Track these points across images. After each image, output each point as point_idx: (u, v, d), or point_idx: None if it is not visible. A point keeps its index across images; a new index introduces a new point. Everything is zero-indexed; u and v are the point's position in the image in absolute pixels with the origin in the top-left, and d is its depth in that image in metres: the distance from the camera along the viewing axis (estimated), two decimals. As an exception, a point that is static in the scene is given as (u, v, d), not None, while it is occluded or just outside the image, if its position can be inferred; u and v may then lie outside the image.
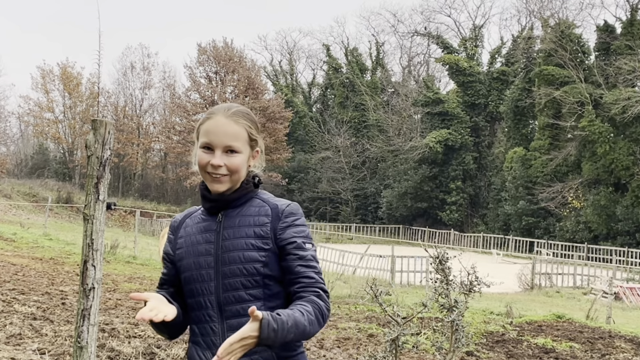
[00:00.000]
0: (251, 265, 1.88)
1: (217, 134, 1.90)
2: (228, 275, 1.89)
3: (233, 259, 1.89)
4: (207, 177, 1.93)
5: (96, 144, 2.76)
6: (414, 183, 41.81)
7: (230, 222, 1.95)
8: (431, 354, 6.60)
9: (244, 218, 1.94)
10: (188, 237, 1.98)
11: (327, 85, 53.52)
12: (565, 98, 34.86)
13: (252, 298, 1.88)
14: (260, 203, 1.98)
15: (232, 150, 1.91)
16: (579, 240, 33.09)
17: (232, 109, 1.96)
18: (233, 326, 1.86)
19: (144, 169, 51.01)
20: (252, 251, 1.89)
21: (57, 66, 48.82)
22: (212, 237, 1.94)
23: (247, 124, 1.96)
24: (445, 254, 4.88)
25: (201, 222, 1.99)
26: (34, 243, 16.08)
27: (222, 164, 1.89)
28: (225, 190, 1.94)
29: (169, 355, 5.56)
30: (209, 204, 1.97)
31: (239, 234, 1.92)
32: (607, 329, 9.91)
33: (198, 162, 1.93)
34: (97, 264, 2.78)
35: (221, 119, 1.92)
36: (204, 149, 1.92)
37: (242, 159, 1.93)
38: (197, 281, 1.92)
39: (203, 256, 1.92)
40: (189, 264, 1.94)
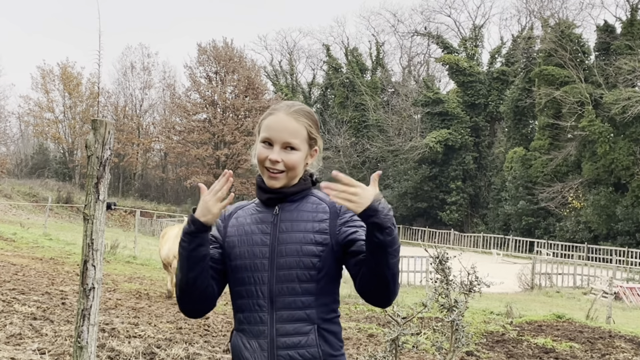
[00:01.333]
0: (308, 259, 1.92)
1: (277, 129, 1.95)
2: (284, 267, 1.92)
3: (290, 252, 1.93)
4: (265, 172, 1.97)
5: (96, 144, 2.76)
6: (414, 183, 41.81)
7: (288, 215, 1.98)
8: (431, 354, 6.60)
9: (301, 213, 1.98)
10: (241, 227, 2.00)
11: (327, 85, 53.50)
12: (565, 98, 34.86)
13: (304, 292, 1.92)
14: (316, 200, 2.03)
15: (290, 147, 1.95)
16: (579, 240, 33.09)
17: (295, 106, 2.00)
18: (283, 317, 1.91)
19: (144, 169, 51.00)
20: (310, 245, 1.93)
21: (57, 66, 48.87)
22: (268, 229, 1.96)
23: (308, 122, 2.00)
24: (445, 254, 4.88)
25: (256, 214, 2.02)
26: (34, 243, 16.08)
27: (280, 159, 1.93)
28: (278, 187, 1.97)
29: (169, 355, 5.56)
30: (267, 195, 2.00)
31: (297, 228, 1.95)
32: (607, 329, 9.91)
33: (257, 156, 1.97)
34: (97, 264, 2.79)
35: (282, 116, 1.97)
36: (264, 143, 1.96)
37: (300, 157, 1.97)
38: (250, 270, 1.93)
39: (258, 246, 1.95)
40: (242, 252, 1.96)
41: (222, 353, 5.93)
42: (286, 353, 1.89)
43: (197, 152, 42.10)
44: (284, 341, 1.89)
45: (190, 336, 6.58)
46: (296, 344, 1.89)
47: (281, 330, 1.90)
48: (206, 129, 42.67)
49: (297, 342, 1.90)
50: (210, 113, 43.20)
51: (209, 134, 42.51)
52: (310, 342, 1.90)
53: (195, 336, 6.65)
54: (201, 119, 44.17)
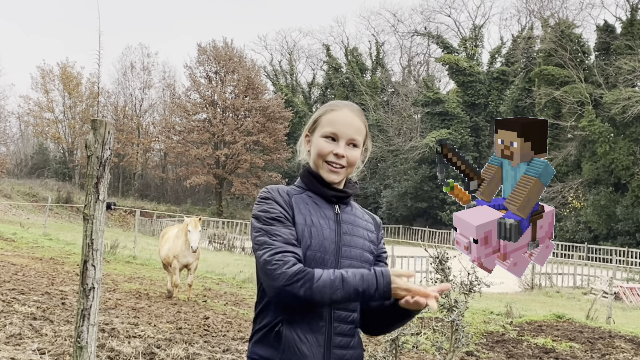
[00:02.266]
0: (366, 264, 1.98)
1: (345, 125, 1.98)
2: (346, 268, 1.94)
3: (354, 255, 1.97)
4: (324, 167, 1.98)
5: (96, 144, 2.76)
6: (414, 183, 41.83)
7: (347, 217, 2.02)
8: (431, 354, 6.60)
9: (357, 219, 2.04)
10: (308, 217, 1.95)
11: (327, 85, 53.51)
12: (565, 98, 34.86)
13: None
14: (360, 209, 2.11)
15: (354, 143, 1.99)
16: (579, 240, 33.08)
17: (354, 105, 2.06)
18: (341, 318, 1.93)
19: (144, 169, 50.99)
20: (368, 253, 2.01)
21: (57, 66, 48.87)
22: (333, 226, 1.98)
23: (366, 121, 2.06)
24: (445, 254, 4.88)
25: (317, 207, 1.99)
26: (34, 243, 16.07)
27: (345, 154, 1.96)
28: (337, 182, 2.00)
29: (168, 355, 5.56)
30: (333, 192, 2.00)
31: (358, 233, 2.01)
32: (607, 329, 9.90)
33: (319, 150, 1.97)
34: (97, 264, 2.78)
35: (348, 112, 2.01)
36: (327, 138, 1.98)
37: (359, 154, 2.02)
38: (318, 263, 1.91)
39: (327, 241, 1.95)
40: (313, 244, 1.92)
41: (222, 353, 5.93)
42: (340, 352, 1.92)
43: (197, 152, 42.09)
44: (339, 340, 1.92)
45: (190, 336, 6.58)
46: (348, 344, 1.94)
47: (338, 330, 1.92)
48: (206, 129, 42.66)
49: (348, 342, 1.95)
50: (210, 113, 43.19)
51: (209, 134, 42.50)
52: (358, 344, 1.98)
53: (195, 336, 6.64)
54: (201, 119, 44.17)
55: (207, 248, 24.06)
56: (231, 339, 6.74)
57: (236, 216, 39.25)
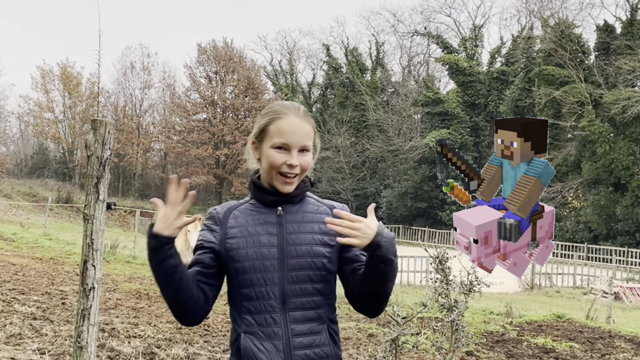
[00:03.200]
0: (319, 259, 1.94)
1: (294, 134, 1.94)
2: (295, 268, 1.93)
3: (301, 253, 1.94)
4: (278, 178, 1.95)
5: (96, 143, 2.76)
6: (414, 183, 41.83)
7: (293, 217, 1.98)
8: (431, 354, 6.60)
9: (306, 214, 2.00)
10: (243, 228, 1.97)
11: (327, 85, 53.50)
12: (565, 98, 34.86)
13: (316, 292, 1.95)
14: (315, 202, 2.06)
15: (305, 149, 1.96)
16: (579, 240, 33.08)
17: (301, 108, 2.01)
18: (297, 318, 1.92)
19: (144, 169, 50.99)
20: (320, 246, 1.96)
21: (57, 66, 48.86)
22: (273, 230, 1.96)
23: (312, 122, 2.02)
24: (445, 254, 4.88)
25: (256, 214, 1.99)
26: (34, 243, 16.08)
27: (298, 163, 1.94)
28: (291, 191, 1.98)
29: (168, 355, 5.56)
30: (271, 197, 1.99)
31: (305, 229, 1.97)
32: (607, 329, 9.90)
33: (271, 163, 1.94)
34: (97, 263, 2.79)
35: (295, 119, 1.96)
36: (278, 149, 1.94)
37: (311, 158, 2.00)
38: (259, 271, 1.92)
39: (266, 247, 1.94)
40: (249, 253, 1.93)
41: (222, 353, 5.93)
42: (303, 353, 1.90)
43: (197, 152, 42.10)
44: (299, 341, 1.91)
45: (190, 336, 6.58)
46: (311, 344, 1.91)
47: (296, 331, 1.91)
48: (206, 129, 42.67)
49: (312, 342, 1.92)
50: (210, 113, 43.20)
51: (209, 134, 42.51)
52: (324, 341, 1.94)
53: (195, 336, 6.64)
54: (201, 119, 44.19)
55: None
56: (231, 339, 6.72)
57: (236, 216, 39.19)
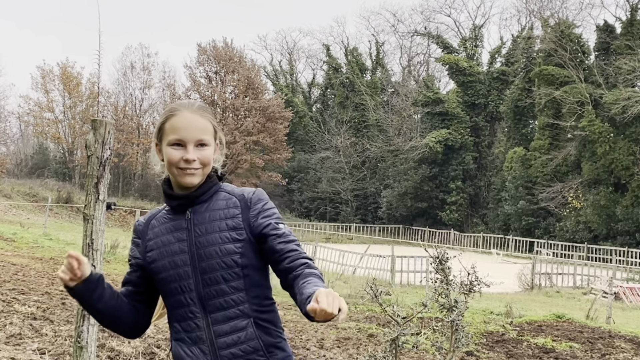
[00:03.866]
0: (229, 257, 1.91)
1: (187, 129, 1.94)
2: (207, 271, 1.92)
3: (210, 254, 1.92)
4: (179, 173, 1.94)
5: (96, 144, 2.76)
6: (414, 183, 41.82)
7: (200, 218, 1.96)
8: (431, 354, 6.60)
9: (213, 212, 1.97)
10: (158, 239, 1.99)
11: (327, 85, 53.51)
12: (565, 98, 34.86)
13: (233, 290, 1.92)
14: (226, 196, 2.01)
15: (202, 143, 1.95)
16: (579, 240, 33.08)
17: (195, 104, 2.01)
18: (218, 320, 1.91)
19: (144, 169, 50.97)
20: (228, 244, 1.92)
21: (57, 66, 48.83)
22: (183, 235, 1.96)
23: (210, 117, 2.01)
24: (445, 254, 4.88)
25: (168, 222, 2.00)
26: (34, 243, 16.07)
27: (196, 157, 1.93)
28: (197, 184, 1.96)
29: (168, 355, 5.56)
30: (176, 202, 1.99)
31: (212, 229, 1.94)
32: (607, 329, 9.90)
33: (169, 160, 1.94)
34: (97, 263, 2.79)
35: (188, 114, 1.96)
36: (174, 145, 1.94)
37: (211, 152, 1.98)
38: (175, 280, 1.93)
39: (177, 255, 1.94)
40: (163, 265, 1.95)
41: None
42: (228, 352, 1.91)
43: (197, 152, 42.10)
44: (223, 341, 1.91)
45: (190, 336, 6.57)
46: (236, 341, 1.91)
47: (219, 332, 1.91)
48: (206, 129, 42.67)
49: (236, 340, 1.91)
50: (210, 113, 43.21)
51: (209, 134, 42.52)
52: (250, 336, 1.92)
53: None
54: (201, 119, 44.17)
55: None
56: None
57: (236, 216, 39.20)
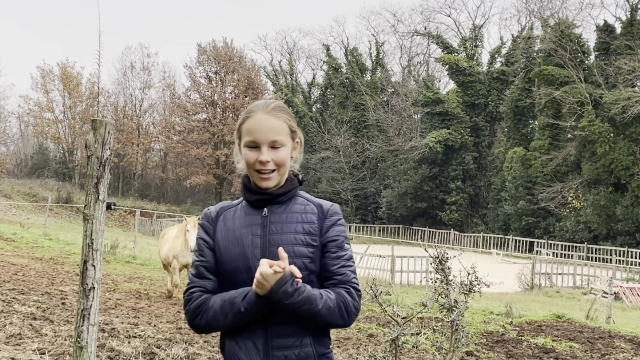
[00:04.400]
0: (300, 260, 1.94)
1: (260, 131, 1.96)
2: None
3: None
4: (255, 175, 1.98)
5: (96, 144, 2.76)
6: (414, 183, 41.82)
7: (277, 217, 1.99)
8: (431, 354, 6.60)
9: (291, 214, 2.00)
10: (230, 230, 2.00)
11: (327, 85, 53.52)
12: (565, 98, 34.86)
13: None
14: (304, 201, 2.06)
15: (276, 144, 1.98)
16: (579, 240, 33.09)
17: (270, 105, 2.02)
18: (280, 318, 1.91)
19: (144, 169, 51.00)
20: (302, 247, 1.96)
21: (57, 66, 48.85)
22: (258, 231, 1.98)
23: (286, 117, 2.03)
24: (445, 254, 4.88)
25: (243, 216, 2.02)
26: (34, 243, 16.08)
27: (270, 159, 1.95)
28: (273, 187, 1.99)
29: (168, 355, 5.56)
30: (256, 196, 2.01)
31: (288, 229, 1.97)
32: (607, 329, 9.90)
33: (246, 162, 1.98)
34: (97, 264, 2.78)
35: (262, 116, 1.98)
36: (249, 147, 1.97)
37: (287, 152, 2.01)
38: (243, 272, 1.93)
39: (250, 248, 1.95)
40: (234, 255, 1.96)
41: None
42: (282, 353, 1.91)
43: (197, 152, 42.11)
44: (279, 342, 1.91)
45: (190, 336, 6.57)
46: (291, 345, 1.92)
47: (277, 332, 1.92)
48: (206, 129, 42.68)
49: (292, 343, 1.92)
50: (210, 113, 43.21)
51: (209, 134, 42.52)
52: (305, 342, 1.94)
53: (195, 336, 6.64)
54: (201, 119, 44.19)
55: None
56: (231, 339, 6.72)
57: (236, 216, 39.16)
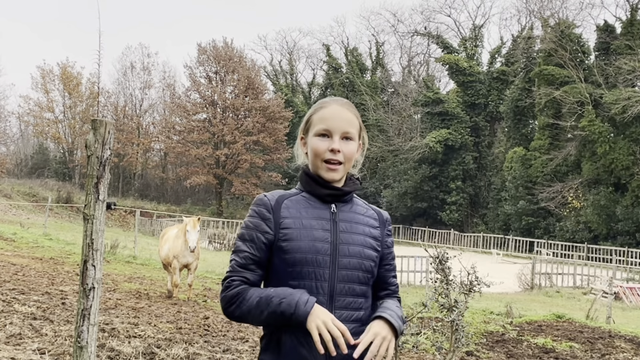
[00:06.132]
0: (369, 262, 1.96)
1: (335, 119, 1.96)
2: (347, 267, 1.93)
3: (354, 253, 1.94)
4: (322, 166, 1.96)
5: (96, 143, 2.76)
6: (414, 183, 41.82)
7: (345, 216, 1.99)
8: (431, 354, 6.60)
9: (357, 216, 2.01)
10: (298, 219, 1.94)
11: (327, 85, 53.49)
12: (565, 98, 34.85)
13: (361, 293, 1.97)
14: (364, 205, 2.08)
15: (348, 136, 1.97)
16: (579, 240, 33.08)
17: (344, 100, 2.04)
18: (342, 316, 1.90)
19: (144, 168, 51.00)
20: (370, 250, 1.98)
21: (57, 66, 48.90)
22: (327, 225, 1.95)
23: (357, 114, 2.03)
24: (445, 254, 4.88)
25: (310, 208, 1.97)
26: (34, 243, 16.08)
27: (340, 149, 1.94)
28: (338, 180, 1.98)
29: (169, 355, 5.56)
30: (327, 191, 1.98)
31: (357, 230, 1.98)
32: (607, 328, 9.90)
33: (315, 150, 1.96)
34: (97, 263, 2.78)
35: (337, 107, 1.99)
36: (321, 136, 1.96)
37: (355, 147, 2.01)
38: (311, 264, 1.90)
39: (320, 242, 1.92)
40: (302, 246, 1.90)
41: (222, 353, 5.93)
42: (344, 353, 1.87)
43: (197, 152, 42.10)
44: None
45: (190, 336, 6.57)
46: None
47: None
48: (206, 129, 42.68)
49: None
50: (210, 113, 43.20)
51: (209, 134, 42.52)
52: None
53: (195, 336, 6.64)
54: (201, 119, 44.19)
55: (207, 248, 24.06)
56: (231, 339, 6.74)
57: (236, 216, 39.24)
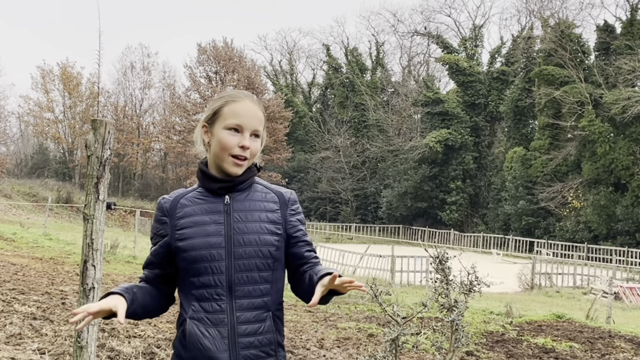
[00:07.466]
0: (266, 248, 1.97)
1: (248, 117, 1.98)
2: (243, 257, 1.95)
3: (249, 241, 1.96)
4: (229, 160, 1.98)
5: (96, 143, 2.76)
6: (414, 183, 41.82)
7: (240, 205, 2.01)
8: (431, 354, 6.60)
9: (253, 202, 2.02)
10: (191, 217, 1.99)
11: (327, 85, 53.51)
12: (565, 98, 34.86)
13: (263, 280, 1.97)
14: (263, 189, 2.08)
15: (257, 134, 2.01)
16: (579, 240, 33.09)
17: (254, 96, 2.06)
18: (243, 305, 1.94)
19: (144, 168, 51.00)
20: (267, 235, 1.98)
21: (57, 66, 48.89)
22: (220, 218, 1.98)
23: (264, 110, 2.06)
24: (445, 254, 4.88)
25: (203, 203, 2.02)
26: (34, 243, 16.08)
27: (250, 146, 1.97)
28: (240, 175, 2.01)
29: (168, 355, 5.56)
30: (218, 184, 2.01)
31: (252, 218, 1.99)
32: (607, 328, 9.90)
33: (224, 143, 1.97)
34: (97, 263, 2.78)
35: (250, 104, 2.01)
36: (231, 130, 1.98)
37: (260, 145, 2.04)
38: (206, 260, 1.94)
39: (213, 236, 1.95)
40: (196, 243, 1.95)
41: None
42: (247, 340, 1.93)
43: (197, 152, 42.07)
44: (244, 328, 1.93)
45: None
46: (256, 331, 1.94)
47: (242, 318, 1.93)
48: (206, 129, 42.66)
49: (257, 329, 1.94)
50: (210, 113, 43.21)
51: (209, 134, 42.50)
52: (268, 329, 1.97)
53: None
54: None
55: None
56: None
57: (236, 216, 39.19)
